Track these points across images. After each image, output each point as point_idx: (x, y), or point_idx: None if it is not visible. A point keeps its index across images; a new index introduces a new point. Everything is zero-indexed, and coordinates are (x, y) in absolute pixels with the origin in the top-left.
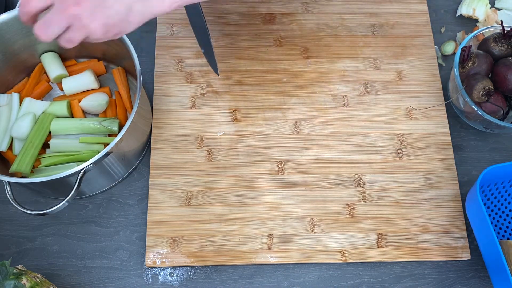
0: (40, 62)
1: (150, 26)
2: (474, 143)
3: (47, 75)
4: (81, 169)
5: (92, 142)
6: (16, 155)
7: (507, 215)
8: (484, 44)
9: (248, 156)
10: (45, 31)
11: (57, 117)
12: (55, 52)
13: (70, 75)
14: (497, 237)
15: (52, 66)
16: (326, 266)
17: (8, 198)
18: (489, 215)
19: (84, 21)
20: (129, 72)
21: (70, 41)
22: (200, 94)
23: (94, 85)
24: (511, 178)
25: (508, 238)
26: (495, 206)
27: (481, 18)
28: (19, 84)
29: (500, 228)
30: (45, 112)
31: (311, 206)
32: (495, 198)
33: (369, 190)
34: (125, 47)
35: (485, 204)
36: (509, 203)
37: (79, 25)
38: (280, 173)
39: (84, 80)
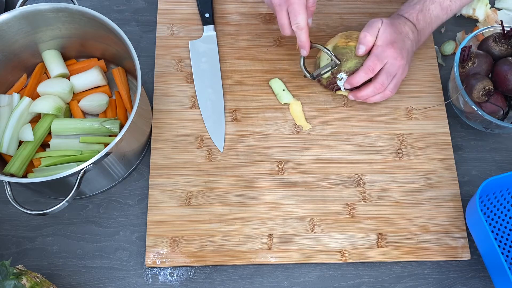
0: (41, 61)
1: (150, 26)
2: (474, 143)
3: (47, 75)
4: (81, 169)
5: (93, 142)
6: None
7: (508, 222)
8: (484, 44)
9: (248, 156)
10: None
11: (56, 117)
12: (56, 50)
13: (71, 75)
14: (498, 245)
15: (54, 64)
16: (326, 266)
17: (8, 198)
18: (490, 224)
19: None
20: (129, 72)
21: (374, 101)
22: None
23: (103, 82)
24: (509, 187)
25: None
26: (494, 214)
27: (481, 18)
28: (18, 83)
29: (502, 237)
30: (44, 114)
31: (311, 206)
32: (494, 206)
33: (369, 190)
34: (125, 47)
35: (484, 214)
36: (508, 210)
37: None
38: (280, 173)
39: (93, 77)
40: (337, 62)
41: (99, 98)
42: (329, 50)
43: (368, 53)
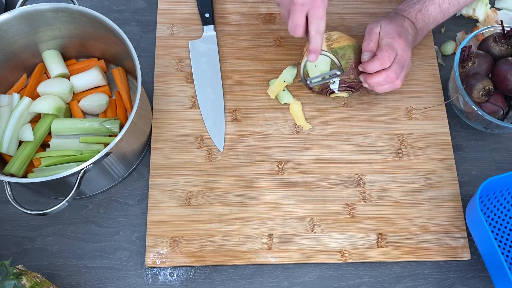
0: (41, 62)
1: (150, 26)
2: (474, 143)
3: (47, 75)
4: (81, 169)
5: (93, 142)
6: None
7: (508, 222)
8: (484, 44)
9: (248, 156)
10: (377, 85)
11: (56, 117)
12: (56, 50)
13: (71, 75)
14: (498, 245)
15: (54, 64)
16: (326, 266)
17: (8, 198)
18: (490, 224)
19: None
20: (129, 72)
21: (382, 90)
22: None
23: (103, 82)
24: (509, 187)
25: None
26: (494, 214)
27: (481, 18)
28: (18, 83)
29: (502, 237)
30: (44, 114)
31: (311, 206)
32: (494, 206)
33: (369, 190)
34: (125, 47)
35: (484, 214)
36: (508, 210)
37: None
38: (280, 173)
39: (93, 77)
40: (341, 72)
41: (99, 98)
42: (338, 59)
43: (358, 52)
